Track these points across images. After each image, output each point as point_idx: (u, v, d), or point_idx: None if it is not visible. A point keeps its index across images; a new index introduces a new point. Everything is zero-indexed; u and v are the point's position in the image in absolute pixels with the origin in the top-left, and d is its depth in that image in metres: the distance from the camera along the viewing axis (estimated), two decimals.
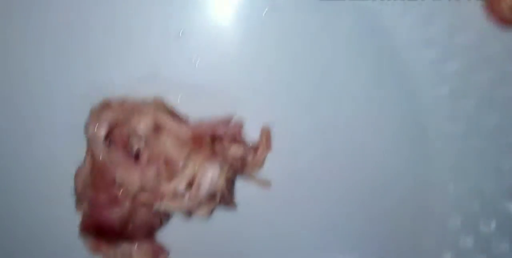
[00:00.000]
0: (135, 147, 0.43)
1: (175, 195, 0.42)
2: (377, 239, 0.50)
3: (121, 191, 0.41)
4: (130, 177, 0.41)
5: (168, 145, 0.42)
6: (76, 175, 0.43)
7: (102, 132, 0.42)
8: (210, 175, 0.41)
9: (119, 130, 0.43)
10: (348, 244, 0.50)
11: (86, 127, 0.43)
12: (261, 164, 0.47)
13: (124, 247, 0.46)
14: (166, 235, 0.48)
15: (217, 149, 0.43)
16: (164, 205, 0.42)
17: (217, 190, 0.42)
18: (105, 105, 0.43)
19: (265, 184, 0.48)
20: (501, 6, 0.43)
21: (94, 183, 0.42)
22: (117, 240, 0.44)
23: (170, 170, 0.42)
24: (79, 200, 0.44)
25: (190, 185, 0.42)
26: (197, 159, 0.41)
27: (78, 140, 0.44)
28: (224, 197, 0.43)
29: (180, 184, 0.41)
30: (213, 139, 0.43)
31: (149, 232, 0.45)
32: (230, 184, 0.44)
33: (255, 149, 0.46)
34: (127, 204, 0.42)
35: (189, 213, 0.44)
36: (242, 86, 0.47)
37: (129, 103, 0.44)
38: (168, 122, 0.42)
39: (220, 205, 0.45)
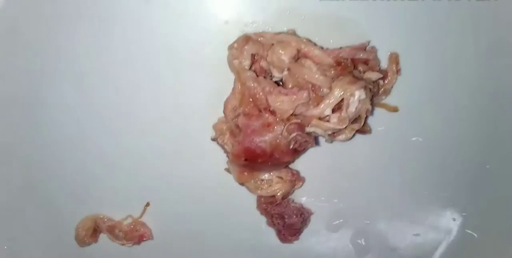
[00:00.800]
0: (277, 77, 0.45)
1: (324, 118, 0.44)
2: None
3: (276, 117, 0.44)
4: (282, 103, 0.43)
5: (313, 72, 0.44)
6: (225, 106, 0.46)
7: (247, 62, 0.44)
8: (357, 97, 0.43)
9: (259, 61, 0.45)
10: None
11: (230, 61, 0.45)
12: (390, 89, 0.49)
13: (265, 175, 0.49)
14: (300, 164, 0.51)
15: (355, 74, 0.45)
16: (312, 128, 0.44)
17: (363, 112, 0.44)
18: (246, 39, 0.45)
19: (393, 109, 0.50)
20: None
21: (245, 112, 0.44)
22: (263, 166, 0.47)
23: (316, 95, 0.44)
24: (222, 131, 0.47)
25: (336, 108, 0.44)
26: (342, 83, 0.43)
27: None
28: (365, 120, 0.45)
29: (328, 107, 0.43)
30: (351, 64, 0.45)
31: (293, 157, 0.47)
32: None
33: (385, 74, 0.48)
34: (279, 129, 0.44)
35: (332, 137, 0.46)
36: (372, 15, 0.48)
37: (267, 35, 0.45)
38: (312, 50, 0.44)
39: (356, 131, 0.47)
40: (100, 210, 0.54)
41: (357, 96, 0.43)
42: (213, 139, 0.49)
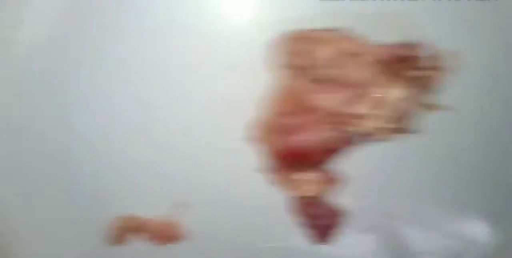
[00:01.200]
0: (319, 75, 0.45)
1: (363, 118, 0.43)
2: None
3: (315, 116, 0.43)
4: (324, 101, 0.42)
5: (355, 69, 0.43)
6: (264, 104, 0.45)
7: (289, 59, 0.44)
8: (401, 96, 0.42)
9: (300, 59, 0.45)
10: None
11: (271, 58, 0.44)
12: (437, 88, 0.48)
13: (302, 175, 0.48)
14: (338, 164, 0.50)
15: (399, 71, 0.44)
16: (353, 127, 0.43)
17: (406, 112, 0.43)
18: (287, 35, 0.44)
19: (436, 109, 0.49)
20: None
21: (285, 110, 0.44)
22: (301, 166, 0.46)
23: (357, 93, 0.43)
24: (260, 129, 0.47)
25: (377, 107, 0.43)
26: (383, 81, 0.42)
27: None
28: (406, 121, 0.44)
29: (368, 106, 0.42)
30: (395, 62, 0.44)
31: (331, 157, 0.46)
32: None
33: (434, 72, 0.47)
34: (319, 128, 0.43)
35: (372, 137, 0.45)
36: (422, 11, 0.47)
37: (309, 32, 0.44)
38: (354, 47, 0.43)
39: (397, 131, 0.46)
40: (131, 210, 0.53)
41: (401, 95, 0.42)
42: (248, 138, 0.48)
